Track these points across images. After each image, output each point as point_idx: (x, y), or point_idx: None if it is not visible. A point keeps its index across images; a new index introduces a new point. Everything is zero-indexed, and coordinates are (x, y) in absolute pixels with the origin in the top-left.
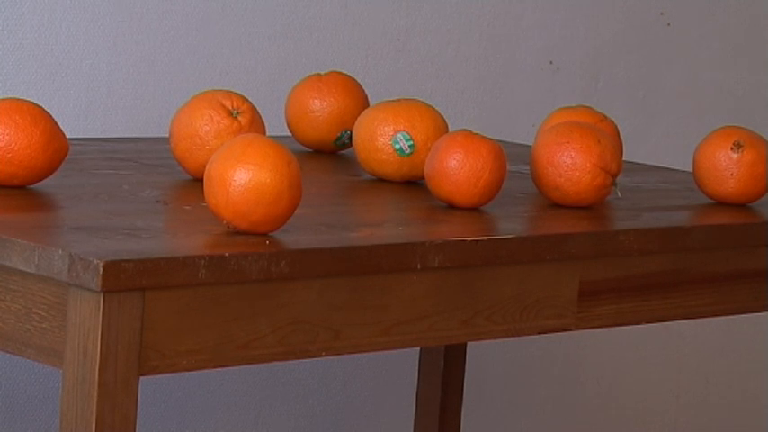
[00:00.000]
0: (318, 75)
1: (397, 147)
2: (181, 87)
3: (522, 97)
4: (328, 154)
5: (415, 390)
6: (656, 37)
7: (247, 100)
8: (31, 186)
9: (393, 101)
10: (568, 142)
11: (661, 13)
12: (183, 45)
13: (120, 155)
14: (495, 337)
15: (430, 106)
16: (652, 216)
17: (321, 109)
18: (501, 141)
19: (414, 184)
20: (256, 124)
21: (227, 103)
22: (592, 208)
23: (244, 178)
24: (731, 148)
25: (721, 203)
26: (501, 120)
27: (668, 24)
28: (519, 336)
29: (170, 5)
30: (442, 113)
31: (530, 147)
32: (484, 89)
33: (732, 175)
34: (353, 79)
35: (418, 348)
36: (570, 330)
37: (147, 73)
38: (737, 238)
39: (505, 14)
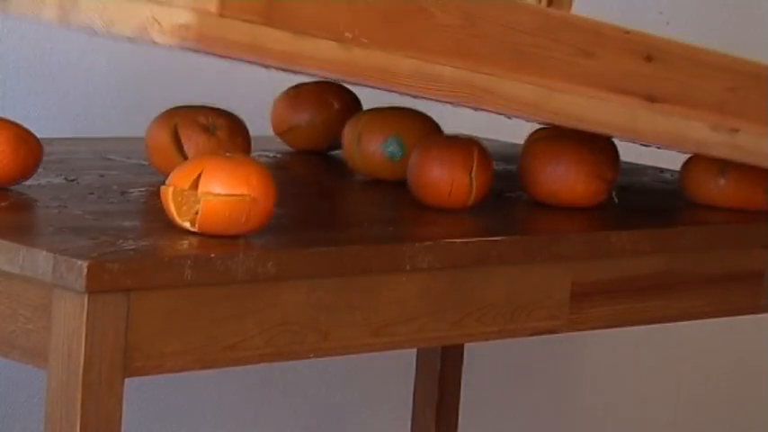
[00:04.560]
0: (295, 88)
1: (389, 150)
2: (182, 86)
3: None
4: (318, 154)
5: (413, 390)
6: None
7: (224, 113)
8: (20, 187)
9: (384, 107)
10: (562, 154)
11: (660, 12)
12: None
13: (113, 155)
14: (486, 339)
15: (421, 113)
16: (645, 217)
17: (307, 121)
18: (497, 141)
19: (404, 185)
20: (236, 138)
21: (202, 119)
22: (584, 209)
23: (205, 217)
24: (716, 176)
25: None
26: (498, 119)
27: (667, 23)
28: (510, 338)
29: None
30: (437, 111)
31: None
32: None
33: (726, 199)
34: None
35: (415, 349)
36: (562, 332)
37: (148, 73)
38: (732, 238)
39: None
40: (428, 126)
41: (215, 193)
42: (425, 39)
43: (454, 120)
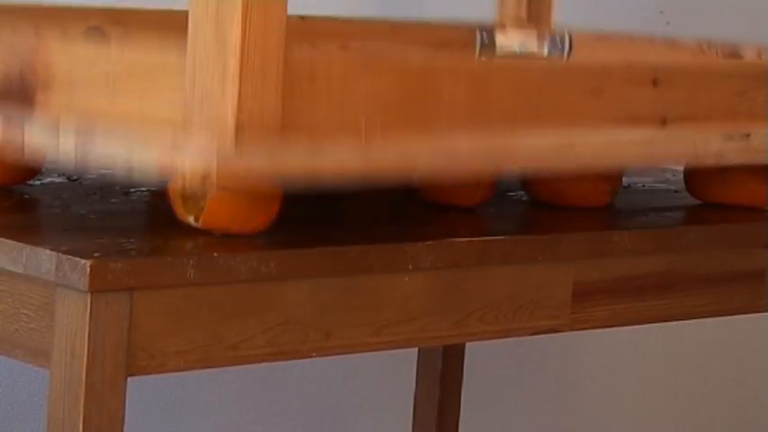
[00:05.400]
0: None
1: None
2: None
3: None
4: None
5: (414, 390)
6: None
7: None
8: (22, 186)
9: None
10: None
11: (660, 12)
12: None
13: None
14: (488, 338)
15: None
16: (647, 216)
17: None
18: None
19: (406, 186)
20: None
21: None
22: (586, 208)
23: (209, 213)
24: (718, 175)
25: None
26: None
27: (668, 23)
28: (512, 337)
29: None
30: None
31: None
32: None
33: (727, 198)
34: None
35: (416, 349)
36: (564, 332)
37: None
38: (733, 238)
39: None
40: None
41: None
42: (439, 116)
43: None
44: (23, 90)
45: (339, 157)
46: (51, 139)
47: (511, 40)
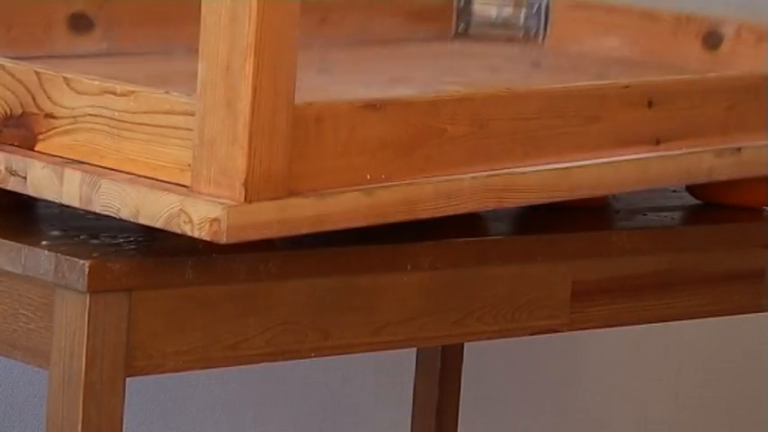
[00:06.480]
0: None
1: None
2: None
3: None
4: None
5: (413, 390)
6: None
7: None
8: None
9: None
10: None
11: None
12: None
13: None
14: (487, 338)
15: None
16: (646, 216)
17: None
18: None
19: None
20: None
21: None
22: (584, 208)
23: None
24: None
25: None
26: None
27: None
28: (511, 337)
29: None
30: None
31: None
32: None
33: (727, 197)
34: None
35: (415, 349)
36: (563, 332)
37: None
38: (732, 238)
39: None
40: None
41: None
42: (440, 155)
43: None
44: (25, 126)
45: (345, 205)
46: (55, 186)
47: (488, 8)
